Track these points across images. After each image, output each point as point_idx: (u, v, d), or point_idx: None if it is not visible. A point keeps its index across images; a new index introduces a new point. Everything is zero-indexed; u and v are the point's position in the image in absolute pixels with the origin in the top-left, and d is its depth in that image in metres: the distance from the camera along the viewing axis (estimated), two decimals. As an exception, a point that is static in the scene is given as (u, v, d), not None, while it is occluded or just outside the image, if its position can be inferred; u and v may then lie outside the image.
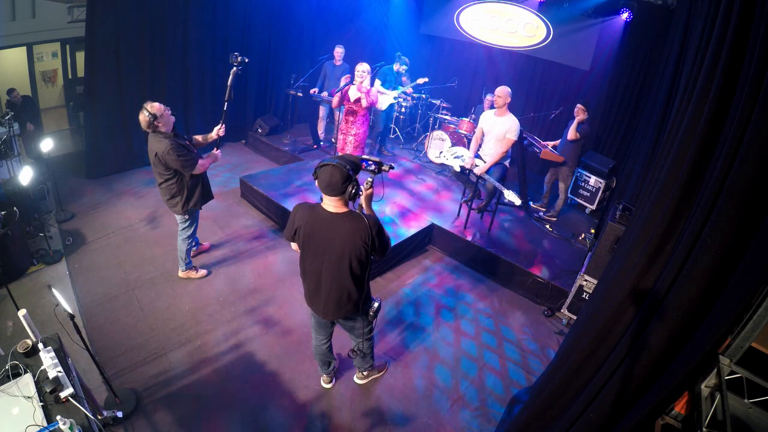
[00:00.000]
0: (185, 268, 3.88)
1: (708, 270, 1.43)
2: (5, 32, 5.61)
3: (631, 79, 6.03)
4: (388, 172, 2.39)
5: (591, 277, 3.68)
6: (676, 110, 2.49)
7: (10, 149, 4.68)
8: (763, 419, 1.49)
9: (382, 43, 8.05)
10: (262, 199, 5.14)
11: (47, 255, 3.97)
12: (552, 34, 6.64)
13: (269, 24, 6.85)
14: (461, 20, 7.62)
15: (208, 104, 6.59)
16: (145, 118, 3.09)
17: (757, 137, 1.32)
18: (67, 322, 2.21)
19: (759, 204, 1.32)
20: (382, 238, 2.25)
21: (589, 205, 5.79)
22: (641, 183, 3.59)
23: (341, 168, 2.05)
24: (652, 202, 2.14)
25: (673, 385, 1.45)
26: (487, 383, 3.30)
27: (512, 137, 4.43)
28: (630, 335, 1.78)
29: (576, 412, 1.88)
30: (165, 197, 3.48)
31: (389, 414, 2.95)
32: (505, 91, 4.44)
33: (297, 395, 2.99)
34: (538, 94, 7.15)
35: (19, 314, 2.14)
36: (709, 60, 1.94)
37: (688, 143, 1.90)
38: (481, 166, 4.58)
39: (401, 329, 3.71)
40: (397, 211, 5.07)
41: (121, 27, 5.17)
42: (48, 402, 1.93)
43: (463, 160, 4.78)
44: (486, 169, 4.55)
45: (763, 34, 1.43)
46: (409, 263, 4.65)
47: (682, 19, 3.83)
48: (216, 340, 3.33)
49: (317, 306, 2.47)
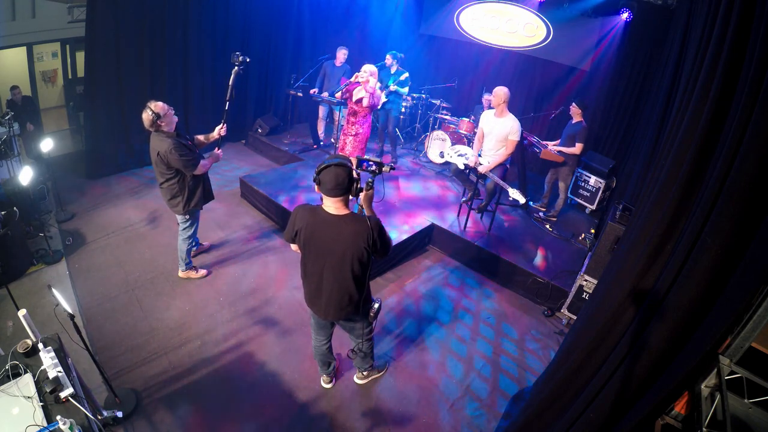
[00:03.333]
0: (185, 268, 3.88)
1: (708, 270, 1.43)
2: (5, 32, 5.61)
3: (631, 79, 6.03)
4: (389, 173, 2.40)
5: (591, 277, 3.68)
6: (676, 110, 2.49)
7: (10, 149, 4.68)
8: (763, 419, 1.49)
9: (382, 43, 8.04)
10: (262, 199, 5.14)
11: (47, 255, 3.98)
12: (552, 34, 6.63)
13: (269, 24, 6.85)
14: (461, 20, 7.61)
15: (208, 104, 6.60)
16: (148, 116, 3.09)
17: (757, 137, 1.32)
18: (67, 322, 2.21)
19: (759, 204, 1.32)
20: (384, 240, 2.25)
21: (589, 205, 5.79)
22: (641, 183, 3.59)
23: (345, 166, 2.05)
24: (652, 202, 2.14)
25: (673, 385, 1.45)
26: (487, 383, 3.30)
27: (515, 138, 4.42)
28: (630, 335, 1.78)
29: (576, 412, 1.88)
30: (166, 197, 3.48)
31: (389, 414, 2.95)
32: (501, 92, 4.39)
33: (297, 395, 2.99)
34: (538, 94, 7.14)
35: (19, 314, 2.14)
36: (709, 60, 1.94)
37: (688, 143, 1.90)
38: (484, 165, 4.58)
39: (401, 329, 3.71)
40: (397, 212, 5.07)
41: (121, 27, 5.17)
42: (48, 402, 1.93)
43: (467, 158, 4.77)
44: (490, 168, 4.54)
45: (763, 34, 1.43)
46: (409, 263, 4.65)
47: (682, 19, 3.83)
48: (216, 340, 3.33)
49: (318, 307, 2.46)
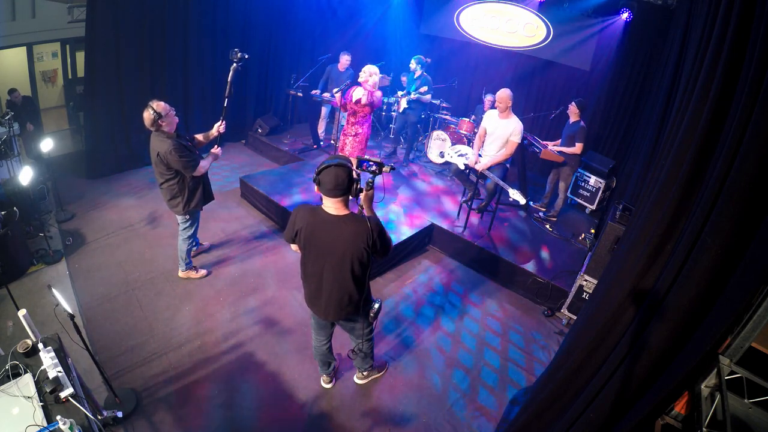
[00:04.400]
0: (185, 268, 3.88)
1: (708, 270, 1.43)
2: (5, 32, 5.61)
3: (631, 79, 6.03)
4: (389, 173, 2.39)
5: (591, 277, 3.68)
6: (676, 110, 2.49)
7: (10, 149, 4.68)
8: (763, 419, 1.49)
9: (382, 42, 8.04)
10: (262, 199, 5.14)
11: (47, 255, 3.97)
12: (552, 34, 6.63)
13: (269, 24, 6.85)
14: (461, 20, 7.61)
15: (208, 104, 6.60)
16: (149, 116, 3.09)
17: (757, 137, 1.32)
18: (67, 322, 2.20)
19: (759, 204, 1.32)
20: (384, 240, 2.25)
21: (589, 205, 5.79)
22: (641, 183, 3.59)
23: (345, 166, 2.05)
24: (652, 202, 2.14)
25: (673, 385, 1.45)
26: (487, 383, 3.30)
27: (516, 140, 4.43)
28: (630, 335, 1.78)
29: (576, 412, 1.88)
30: (166, 198, 3.47)
31: (389, 414, 2.95)
32: (506, 95, 4.41)
33: (297, 395, 2.99)
34: (538, 94, 7.14)
35: (19, 314, 2.14)
36: (709, 60, 1.94)
37: (688, 143, 1.90)
38: (482, 162, 4.58)
39: (401, 329, 3.71)
40: (397, 211, 5.06)
41: (121, 27, 5.17)
42: (48, 402, 1.94)
43: (467, 158, 4.77)
44: (487, 165, 4.55)
45: (763, 34, 1.43)
46: (409, 263, 4.65)
47: (682, 19, 3.83)
48: (216, 340, 3.33)
49: (318, 307, 2.46)
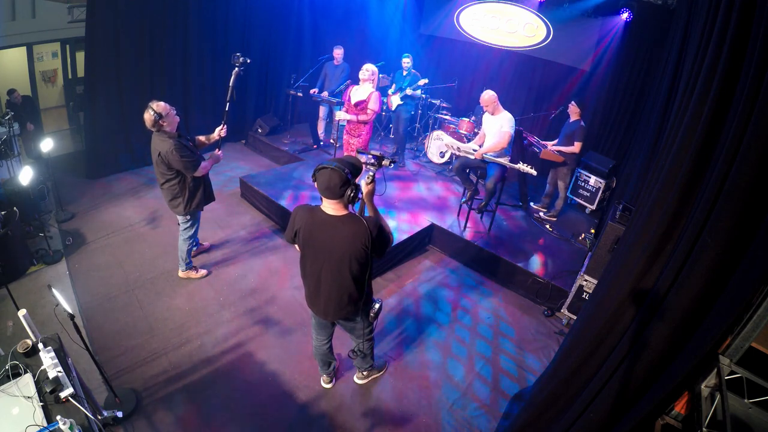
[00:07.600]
0: (185, 268, 3.88)
1: (708, 270, 1.43)
2: (5, 32, 5.61)
3: (631, 79, 6.02)
4: (389, 167, 2.39)
5: (591, 277, 3.67)
6: (676, 110, 2.49)
7: (10, 149, 4.69)
8: (763, 419, 1.49)
9: (382, 42, 8.04)
10: (262, 199, 5.14)
11: (47, 255, 3.98)
12: (552, 34, 6.63)
13: (269, 24, 6.85)
14: (461, 20, 7.61)
15: (208, 104, 6.60)
16: (150, 116, 3.09)
17: (757, 137, 1.32)
18: (67, 322, 2.20)
19: (759, 204, 1.32)
20: (382, 239, 2.25)
21: (589, 205, 5.79)
22: (641, 183, 3.59)
23: (339, 171, 2.03)
24: (652, 202, 2.14)
25: (673, 385, 1.45)
26: (487, 383, 3.30)
27: (507, 129, 4.47)
28: (630, 335, 1.78)
29: (576, 412, 1.88)
30: (167, 198, 3.47)
31: (389, 414, 2.95)
32: (489, 96, 4.55)
33: (297, 395, 2.99)
34: (538, 94, 7.13)
35: (19, 314, 2.14)
36: (709, 60, 1.94)
37: (688, 143, 1.90)
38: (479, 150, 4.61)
39: (401, 329, 3.71)
40: (397, 211, 5.07)
41: (121, 27, 5.17)
42: (48, 402, 1.94)
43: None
44: (484, 152, 4.57)
45: (763, 34, 1.43)
46: (409, 263, 4.65)
47: (682, 19, 3.82)
48: (216, 340, 3.33)
49: (317, 307, 2.47)
